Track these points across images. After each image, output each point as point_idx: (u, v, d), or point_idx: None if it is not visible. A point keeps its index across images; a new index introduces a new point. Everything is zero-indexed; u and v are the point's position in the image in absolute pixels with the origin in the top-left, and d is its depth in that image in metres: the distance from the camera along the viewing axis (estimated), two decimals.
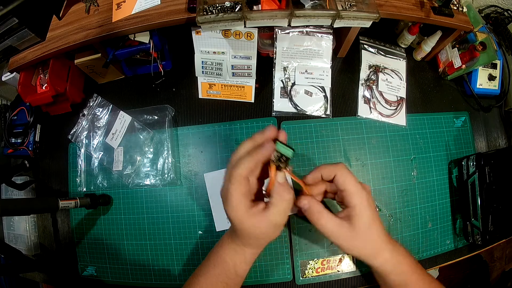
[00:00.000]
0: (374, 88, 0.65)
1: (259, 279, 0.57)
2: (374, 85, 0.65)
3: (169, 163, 0.60)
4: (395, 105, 0.65)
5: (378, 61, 0.67)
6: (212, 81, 0.64)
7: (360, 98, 0.65)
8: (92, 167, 0.62)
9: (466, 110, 0.67)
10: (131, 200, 0.61)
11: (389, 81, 0.66)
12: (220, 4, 0.50)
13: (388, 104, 0.65)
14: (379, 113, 0.64)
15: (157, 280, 0.59)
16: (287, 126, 0.62)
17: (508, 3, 0.72)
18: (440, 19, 0.56)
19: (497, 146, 0.68)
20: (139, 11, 0.53)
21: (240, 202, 0.38)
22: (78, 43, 0.54)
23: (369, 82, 0.65)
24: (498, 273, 0.97)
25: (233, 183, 0.37)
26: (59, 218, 0.63)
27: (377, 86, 0.65)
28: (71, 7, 0.58)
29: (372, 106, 0.64)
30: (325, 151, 0.61)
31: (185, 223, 0.59)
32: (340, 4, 0.51)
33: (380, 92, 0.65)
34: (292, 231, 0.58)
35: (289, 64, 0.63)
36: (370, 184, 0.60)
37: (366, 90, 0.65)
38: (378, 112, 0.64)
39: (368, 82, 0.65)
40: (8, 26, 0.50)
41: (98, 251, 0.61)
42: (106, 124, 0.64)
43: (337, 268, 0.58)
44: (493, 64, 0.67)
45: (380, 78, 0.65)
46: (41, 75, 0.60)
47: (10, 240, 0.65)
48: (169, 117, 0.63)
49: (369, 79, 0.65)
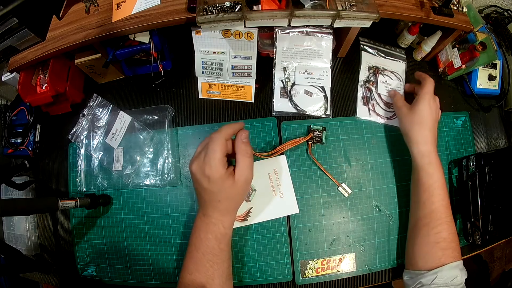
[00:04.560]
0: (373, 90, 0.65)
1: (259, 279, 0.57)
2: (373, 87, 0.65)
3: (169, 163, 0.60)
4: None
5: (378, 62, 0.67)
6: (212, 81, 0.64)
7: (359, 100, 0.65)
8: (92, 167, 0.62)
9: (466, 110, 0.67)
10: (131, 200, 0.61)
11: (388, 83, 0.66)
12: (220, 4, 0.50)
13: (387, 106, 0.64)
14: (378, 115, 0.64)
15: (157, 280, 0.59)
16: (287, 126, 0.62)
17: (508, 3, 0.72)
18: (440, 19, 0.56)
19: (497, 146, 0.68)
20: (139, 11, 0.53)
21: (221, 161, 0.43)
22: (78, 43, 0.54)
23: (369, 83, 0.65)
24: (498, 273, 0.97)
25: (217, 143, 0.43)
26: (59, 218, 0.63)
27: (376, 88, 0.65)
28: (71, 7, 0.58)
29: (371, 108, 0.64)
30: (325, 151, 0.61)
31: (185, 223, 0.59)
32: (340, 4, 0.51)
33: (378, 94, 0.65)
34: (292, 231, 0.58)
35: (289, 64, 0.63)
36: (370, 184, 0.60)
37: (366, 91, 0.65)
38: (377, 114, 0.64)
39: (368, 83, 0.65)
40: (8, 26, 0.50)
41: (98, 251, 0.61)
42: (106, 124, 0.64)
43: (337, 268, 0.58)
44: (493, 64, 0.67)
45: (379, 80, 0.65)
46: (41, 75, 0.60)
47: (10, 240, 0.65)
48: (169, 117, 0.63)
49: (369, 81, 0.65)
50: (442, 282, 0.47)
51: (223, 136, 0.44)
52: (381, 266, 0.58)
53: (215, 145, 0.43)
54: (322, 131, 0.60)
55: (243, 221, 0.58)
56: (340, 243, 0.58)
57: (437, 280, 0.47)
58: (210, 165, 0.43)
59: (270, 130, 0.62)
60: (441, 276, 0.47)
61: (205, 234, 0.46)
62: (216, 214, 0.47)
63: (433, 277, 0.47)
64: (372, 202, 0.60)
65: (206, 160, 0.43)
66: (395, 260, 0.59)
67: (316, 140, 0.60)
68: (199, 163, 0.44)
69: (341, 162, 0.61)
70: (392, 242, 0.59)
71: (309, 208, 0.59)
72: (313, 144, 0.61)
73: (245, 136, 0.47)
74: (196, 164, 0.45)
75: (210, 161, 0.43)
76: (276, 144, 0.61)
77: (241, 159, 0.45)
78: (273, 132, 0.62)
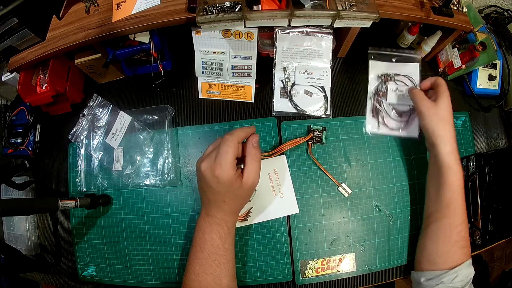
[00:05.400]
0: (383, 101, 0.62)
1: (259, 279, 0.57)
2: (383, 98, 0.62)
3: (169, 163, 0.60)
4: (406, 116, 0.62)
5: (389, 69, 0.64)
6: (212, 81, 0.64)
7: (368, 112, 0.62)
8: (92, 167, 0.62)
9: (466, 110, 0.67)
10: (131, 200, 0.61)
11: (399, 90, 0.62)
12: (220, 4, 0.50)
13: (398, 115, 0.62)
14: (388, 128, 0.61)
15: (157, 280, 0.59)
16: (287, 126, 0.62)
17: (508, 3, 0.72)
18: (440, 19, 0.56)
19: (497, 146, 0.68)
20: (139, 11, 0.53)
21: (232, 163, 0.44)
22: (78, 43, 0.54)
23: (378, 95, 0.62)
24: (498, 273, 0.97)
25: (230, 145, 0.44)
26: (59, 218, 0.63)
27: (386, 98, 0.62)
28: (71, 7, 0.58)
29: (380, 121, 0.62)
30: (325, 151, 0.61)
31: (185, 223, 0.59)
32: (340, 4, 0.51)
33: (389, 104, 0.62)
34: (292, 231, 0.58)
35: (289, 64, 0.63)
36: (370, 184, 0.60)
37: (375, 102, 0.62)
38: (387, 126, 0.61)
39: (377, 95, 0.62)
40: (8, 26, 0.50)
41: (98, 251, 0.61)
42: (106, 124, 0.64)
43: (337, 268, 0.58)
44: (493, 64, 0.67)
45: (390, 88, 0.62)
46: (41, 75, 0.60)
47: (10, 240, 0.65)
48: (169, 117, 0.63)
49: (378, 91, 0.62)
50: (460, 279, 0.48)
51: (236, 138, 0.45)
52: (381, 266, 0.58)
53: (227, 146, 0.44)
54: (322, 131, 0.60)
55: (243, 221, 0.58)
56: (340, 243, 0.58)
57: (457, 278, 0.47)
58: (221, 166, 0.43)
59: (270, 130, 0.62)
60: (461, 274, 0.48)
61: (209, 234, 0.47)
62: (221, 214, 0.47)
63: (453, 276, 0.48)
64: (372, 202, 0.60)
65: (217, 161, 0.43)
66: (395, 260, 0.59)
67: (316, 140, 0.60)
68: (209, 163, 0.44)
69: (341, 162, 0.61)
70: (392, 242, 0.59)
71: (309, 208, 0.59)
72: (313, 144, 0.61)
73: (256, 141, 0.47)
74: (207, 163, 0.45)
75: (221, 162, 0.43)
76: (276, 144, 0.61)
77: (250, 163, 0.46)
78: (273, 132, 0.62)
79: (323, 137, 0.60)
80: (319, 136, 0.60)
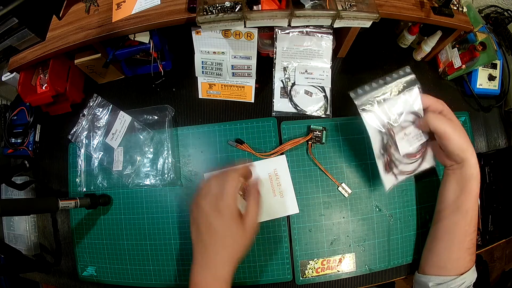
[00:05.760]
0: (394, 155, 0.51)
1: (259, 279, 0.57)
2: (394, 151, 0.51)
3: (169, 163, 0.60)
4: (421, 151, 0.52)
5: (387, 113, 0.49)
6: (212, 81, 0.64)
7: (381, 171, 0.52)
8: (92, 167, 0.62)
9: (466, 110, 0.67)
10: (131, 200, 0.61)
11: (407, 132, 0.50)
12: (220, 4, 0.50)
13: (413, 156, 0.52)
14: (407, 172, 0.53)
15: (157, 280, 0.59)
16: (287, 126, 0.62)
17: (508, 3, 0.72)
18: (440, 19, 0.56)
19: (497, 146, 0.68)
20: (139, 11, 0.53)
21: (235, 198, 0.42)
22: (78, 43, 0.54)
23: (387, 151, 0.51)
24: (498, 273, 0.97)
25: (234, 179, 0.43)
26: (59, 218, 0.63)
27: (399, 151, 0.51)
28: (71, 7, 0.58)
29: (396, 172, 0.53)
30: (325, 151, 0.61)
31: (185, 223, 0.59)
32: (340, 4, 0.51)
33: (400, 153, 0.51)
34: (292, 231, 0.58)
35: (289, 64, 0.63)
36: (370, 184, 0.60)
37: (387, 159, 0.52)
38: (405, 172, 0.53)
39: (386, 152, 0.51)
40: (8, 26, 0.50)
41: (98, 251, 0.61)
42: (106, 124, 0.63)
43: (337, 268, 0.58)
44: (493, 64, 0.67)
45: (399, 139, 0.50)
46: (41, 75, 0.60)
47: (10, 240, 0.65)
48: (169, 117, 0.63)
49: (386, 149, 0.51)
50: (467, 285, 0.48)
51: (240, 175, 0.44)
52: (381, 266, 0.58)
53: (232, 180, 0.43)
54: (322, 131, 0.60)
55: None
56: (340, 243, 0.58)
57: (464, 284, 0.48)
58: (224, 200, 0.42)
59: (270, 130, 0.62)
60: (468, 280, 0.48)
61: None
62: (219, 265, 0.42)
63: (461, 282, 0.48)
64: (372, 202, 0.60)
65: (219, 195, 0.42)
66: (395, 260, 0.59)
67: (316, 140, 0.60)
68: (211, 197, 0.43)
69: (341, 162, 0.61)
70: (392, 242, 0.59)
71: (309, 208, 0.59)
72: (313, 144, 0.61)
73: (259, 183, 0.47)
74: (208, 198, 0.43)
75: (224, 196, 0.42)
76: (276, 144, 0.61)
77: (253, 206, 0.44)
78: (273, 132, 0.62)
79: (323, 137, 0.60)
80: (319, 136, 0.60)
